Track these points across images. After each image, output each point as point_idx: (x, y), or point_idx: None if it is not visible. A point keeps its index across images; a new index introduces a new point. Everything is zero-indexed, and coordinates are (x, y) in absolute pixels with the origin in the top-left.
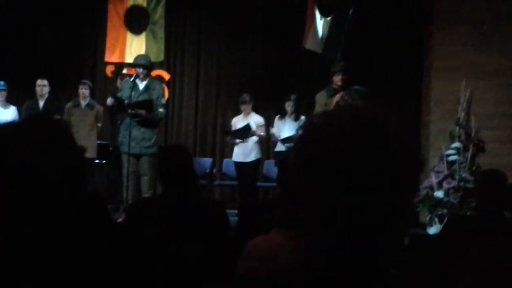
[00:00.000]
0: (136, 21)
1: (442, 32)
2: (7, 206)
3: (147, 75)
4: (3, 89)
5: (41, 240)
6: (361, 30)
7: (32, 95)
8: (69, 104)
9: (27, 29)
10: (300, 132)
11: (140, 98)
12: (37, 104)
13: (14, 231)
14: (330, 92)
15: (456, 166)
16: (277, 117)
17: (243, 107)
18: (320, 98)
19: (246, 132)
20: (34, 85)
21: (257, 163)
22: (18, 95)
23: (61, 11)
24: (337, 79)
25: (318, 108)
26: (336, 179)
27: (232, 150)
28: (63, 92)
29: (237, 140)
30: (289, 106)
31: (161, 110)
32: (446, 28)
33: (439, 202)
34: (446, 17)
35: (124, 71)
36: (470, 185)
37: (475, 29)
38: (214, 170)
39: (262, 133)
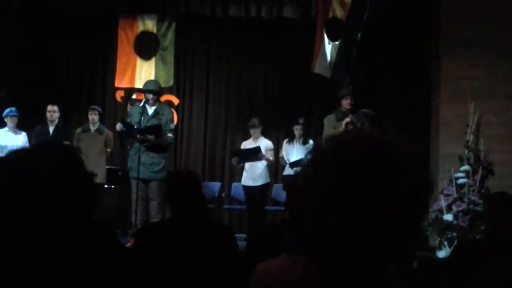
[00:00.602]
0: (146, 47)
1: (451, 55)
2: (18, 230)
3: (156, 100)
4: (14, 115)
5: (49, 263)
6: (369, 54)
7: (43, 121)
8: (79, 130)
9: (38, 56)
10: (309, 155)
11: (149, 123)
12: (47, 129)
13: (23, 254)
14: (339, 116)
15: (465, 189)
16: (285, 141)
17: (252, 131)
18: (329, 122)
19: (254, 154)
20: (44, 111)
21: (266, 187)
22: (29, 121)
23: (71, 38)
24: (346, 103)
25: (327, 131)
26: (345, 202)
27: (241, 174)
28: (73, 117)
29: (246, 165)
30: (297, 130)
31: (170, 135)
32: (455, 51)
33: (448, 225)
34: (454, 39)
35: (134, 96)
36: (479, 208)
37: (484, 52)
38: (223, 194)
39: (271, 158)
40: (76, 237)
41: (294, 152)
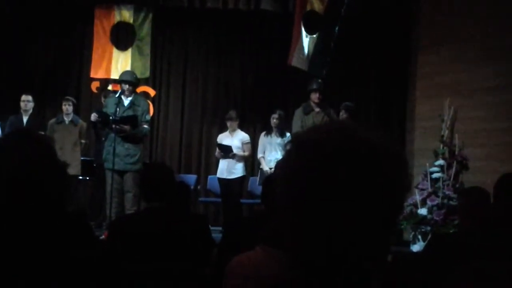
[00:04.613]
0: (122, 38)
1: (427, 50)
2: None
3: (132, 91)
4: None
5: (20, 253)
6: (346, 48)
7: (17, 111)
8: (52, 121)
9: (12, 45)
10: (288, 146)
11: (125, 114)
12: (21, 119)
13: None
14: (306, 110)
15: (439, 184)
16: (262, 134)
17: (229, 123)
18: (296, 115)
19: (226, 152)
20: (18, 101)
21: (241, 180)
22: (2, 111)
23: (46, 27)
24: (314, 97)
25: (294, 125)
26: (323, 197)
27: (217, 166)
28: (48, 108)
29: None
30: (273, 118)
31: (145, 126)
32: (431, 46)
33: (422, 219)
34: (431, 35)
35: (110, 87)
36: (453, 203)
37: (460, 48)
38: (199, 187)
39: (245, 153)
40: (49, 227)
41: (272, 145)
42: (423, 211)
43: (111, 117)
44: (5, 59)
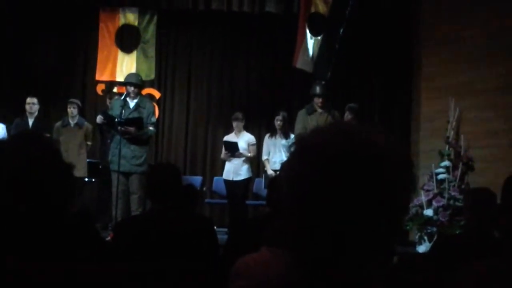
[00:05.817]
0: (127, 40)
1: (432, 51)
2: None
3: (137, 94)
4: None
5: (26, 254)
6: (351, 49)
7: (22, 114)
8: (58, 124)
9: (17, 47)
10: (292, 148)
11: (130, 116)
12: (27, 122)
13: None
14: (309, 111)
15: (445, 185)
16: (267, 136)
17: (235, 124)
18: (299, 117)
19: (232, 150)
20: (23, 104)
21: (247, 182)
22: (8, 113)
23: (52, 30)
24: (318, 101)
25: (297, 126)
26: (327, 200)
27: (222, 168)
28: (53, 110)
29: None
30: (277, 120)
31: (151, 128)
32: (436, 47)
33: (428, 220)
34: (435, 36)
35: (115, 89)
36: (459, 204)
37: (464, 48)
38: (204, 188)
39: (250, 154)
40: (53, 229)
41: (276, 146)
42: (429, 212)
43: (116, 119)
44: (10, 62)
